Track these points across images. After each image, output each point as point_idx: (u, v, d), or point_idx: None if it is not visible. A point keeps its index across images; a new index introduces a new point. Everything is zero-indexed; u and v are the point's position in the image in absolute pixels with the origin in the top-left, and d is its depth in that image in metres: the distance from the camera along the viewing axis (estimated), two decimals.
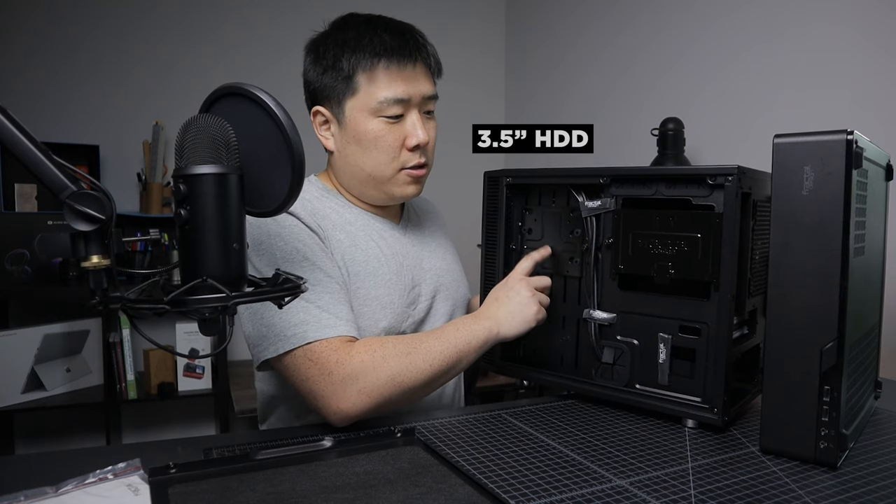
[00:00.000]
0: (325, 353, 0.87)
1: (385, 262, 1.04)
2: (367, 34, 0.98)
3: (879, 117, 1.53)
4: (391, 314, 1.02)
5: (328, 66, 1.00)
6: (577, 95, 2.72)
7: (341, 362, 0.86)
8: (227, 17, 2.74)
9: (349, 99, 0.99)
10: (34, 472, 0.72)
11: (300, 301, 0.90)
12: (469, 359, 0.94)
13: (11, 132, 0.58)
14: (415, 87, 0.99)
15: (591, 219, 0.96)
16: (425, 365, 0.89)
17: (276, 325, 0.90)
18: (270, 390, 1.07)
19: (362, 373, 0.86)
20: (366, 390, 0.86)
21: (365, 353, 0.87)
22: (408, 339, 0.92)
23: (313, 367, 0.87)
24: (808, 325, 0.74)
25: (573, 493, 0.68)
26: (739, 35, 1.94)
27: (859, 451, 0.80)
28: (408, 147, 1.01)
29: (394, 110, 0.98)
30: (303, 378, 0.88)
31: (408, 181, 1.03)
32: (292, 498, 0.63)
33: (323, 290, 0.93)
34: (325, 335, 0.88)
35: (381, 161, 1.01)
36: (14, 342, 2.27)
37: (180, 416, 2.75)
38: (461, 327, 0.95)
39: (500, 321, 0.96)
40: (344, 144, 1.02)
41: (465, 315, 1.02)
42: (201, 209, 0.62)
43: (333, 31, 1.02)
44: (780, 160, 0.76)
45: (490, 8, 3.25)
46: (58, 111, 2.51)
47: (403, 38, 0.99)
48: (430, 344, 0.91)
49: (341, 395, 0.85)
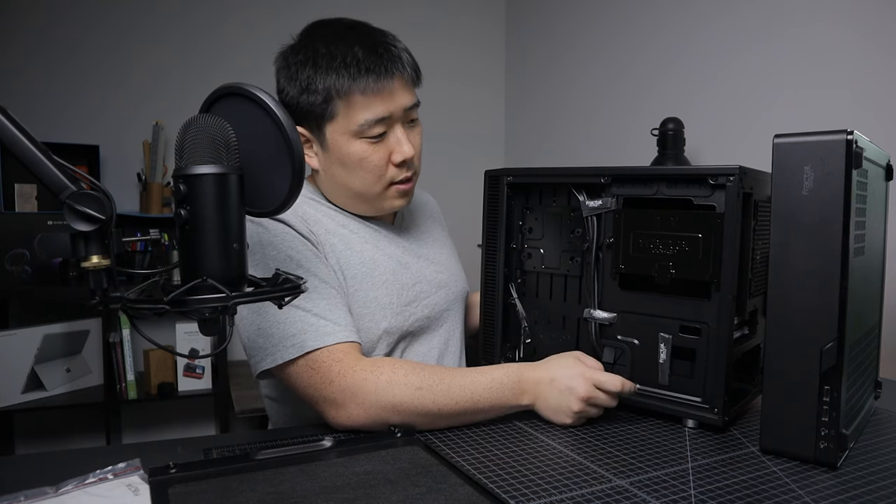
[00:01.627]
0: (328, 362, 0.87)
1: (381, 263, 1.03)
2: (338, 52, 0.94)
3: (879, 117, 1.53)
4: (391, 314, 1.02)
5: (303, 88, 0.95)
6: (578, 95, 2.72)
7: (343, 374, 0.86)
8: (228, 18, 2.74)
9: (328, 123, 0.96)
10: (34, 472, 0.72)
11: (296, 310, 0.89)
12: (489, 416, 0.90)
13: (11, 132, 0.58)
14: (394, 102, 0.96)
15: (592, 218, 0.96)
16: (433, 406, 0.85)
17: (274, 336, 0.89)
18: (274, 395, 1.07)
19: (362, 391, 0.85)
20: (364, 406, 0.85)
21: (369, 373, 0.86)
22: (428, 372, 0.87)
23: (315, 374, 0.87)
24: (808, 325, 0.74)
25: (573, 493, 0.68)
26: (740, 35, 1.93)
27: (859, 451, 0.80)
28: (394, 163, 0.99)
29: (376, 130, 0.96)
30: (304, 385, 0.88)
31: (396, 195, 1.02)
32: (292, 498, 0.63)
33: (319, 296, 0.91)
34: (324, 343, 0.87)
35: (369, 181, 0.99)
36: (14, 342, 2.26)
37: (180, 416, 2.74)
38: (495, 384, 0.88)
39: (538, 402, 0.89)
40: (328, 165, 1.01)
41: (510, 369, 0.91)
42: (201, 209, 0.62)
43: (302, 46, 0.97)
44: (780, 160, 0.76)
45: (490, 7, 3.25)
46: (58, 111, 2.51)
47: (377, 54, 0.94)
48: (450, 386, 0.86)
49: (340, 405, 0.85)
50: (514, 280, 1.06)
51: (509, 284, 1.06)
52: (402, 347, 1.05)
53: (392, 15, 2.82)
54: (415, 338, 1.07)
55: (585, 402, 0.87)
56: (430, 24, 3.06)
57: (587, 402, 0.87)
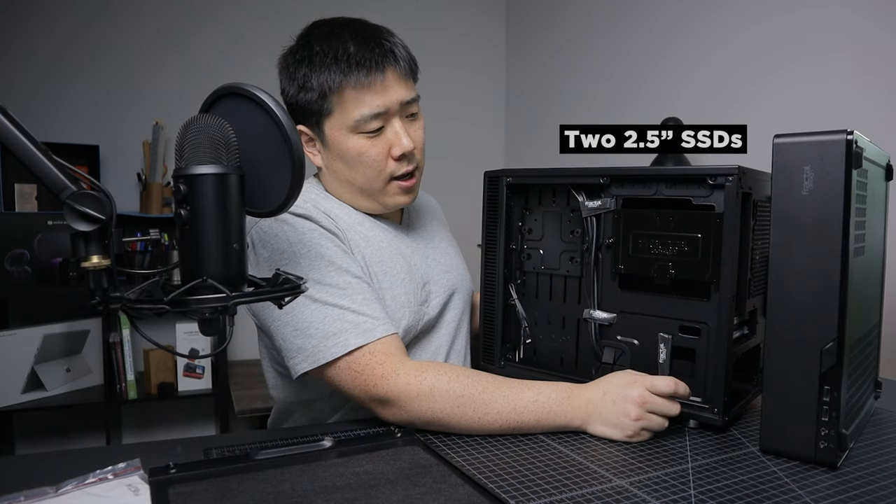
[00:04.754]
0: (371, 364, 0.87)
1: (397, 262, 1.04)
2: (331, 49, 0.95)
3: (879, 117, 1.53)
4: (409, 313, 1.02)
5: (300, 86, 0.97)
6: (578, 95, 2.72)
7: (386, 377, 0.86)
8: (228, 17, 2.74)
9: (326, 119, 0.97)
10: (34, 472, 0.72)
11: (334, 308, 0.89)
12: (534, 431, 0.86)
13: (11, 132, 0.58)
14: (388, 96, 0.96)
15: (592, 219, 0.96)
16: (473, 415, 0.84)
17: (314, 336, 0.88)
18: (287, 397, 1.07)
19: (404, 396, 0.85)
20: (406, 409, 0.85)
21: (413, 377, 0.85)
22: (473, 380, 0.86)
23: (360, 377, 0.87)
24: (808, 325, 0.74)
25: (573, 493, 0.68)
26: (740, 34, 1.94)
27: (859, 451, 0.80)
28: (393, 157, 0.99)
29: (372, 125, 0.96)
30: (350, 387, 0.89)
31: (398, 192, 1.02)
32: (292, 498, 0.63)
33: (354, 292, 0.92)
34: (366, 340, 0.88)
35: (370, 175, 0.99)
36: (14, 342, 2.27)
37: (180, 416, 2.75)
38: (542, 398, 0.84)
39: (589, 420, 0.84)
40: (330, 161, 1.02)
41: (560, 385, 0.87)
42: (201, 209, 0.62)
43: (299, 46, 0.99)
44: (780, 160, 0.76)
45: (490, 6, 3.24)
46: (58, 111, 2.51)
47: (368, 48, 0.95)
48: (494, 398, 0.84)
49: (386, 405, 0.87)
50: (514, 281, 1.06)
51: (509, 285, 1.06)
52: (411, 347, 1.06)
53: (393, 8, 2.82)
54: (423, 337, 1.07)
55: (642, 408, 0.81)
56: (430, 16, 3.05)
57: (643, 406, 0.81)
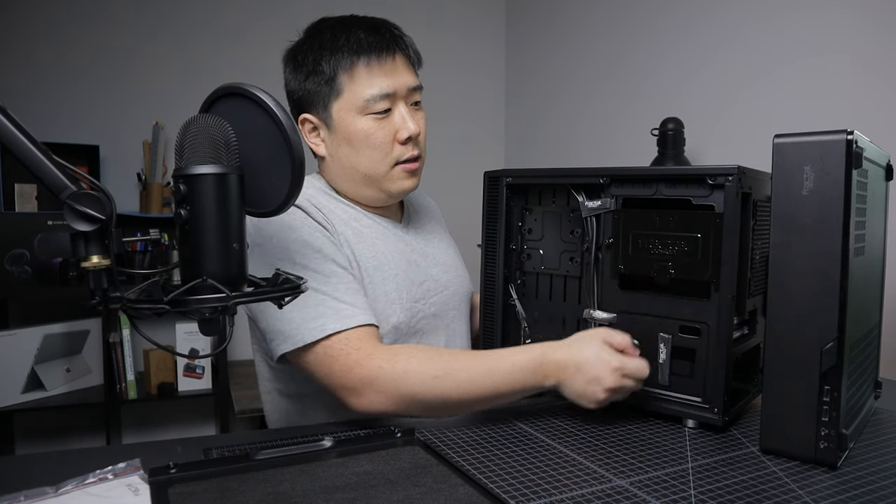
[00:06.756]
0: (346, 350, 0.88)
1: (392, 258, 1.04)
2: (342, 34, 0.98)
3: (879, 117, 1.53)
4: (400, 310, 1.02)
5: (309, 71, 1.00)
6: (578, 95, 2.72)
7: (360, 362, 0.87)
8: (228, 17, 2.74)
9: (335, 101, 0.99)
10: (34, 472, 0.72)
11: (317, 294, 0.90)
12: (512, 399, 0.89)
13: (11, 132, 0.58)
14: (397, 79, 0.99)
15: (591, 219, 0.96)
16: (454, 394, 0.85)
17: (295, 319, 0.89)
18: (278, 388, 1.07)
19: (380, 379, 0.86)
20: (383, 394, 0.86)
21: (385, 361, 0.86)
22: (446, 359, 0.87)
23: (335, 363, 0.88)
24: (808, 325, 0.74)
25: (573, 493, 0.68)
26: (741, 34, 1.94)
27: (859, 451, 0.80)
28: (399, 140, 1.00)
29: (381, 106, 0.98)
30: (324, 374, 0.89)
31: (403, 176, 1.03)
32: (292, 498, 0.63)
33: (338, 280, 0.93)
34: (344, 325, 0.89)
35: (375, 159, 1.01)
36: (14, 342, 2.27)
37: (180, 416, 2.74)
38: (516, 368, 0.86)
39: (562, 386, 0.87)
40: (335, 148, 1.03)
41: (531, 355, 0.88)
42: (201, 209, 0.62)
43: (308, 37, 1.02)
44: (780, 160, 0.76)
45: (490, 4, 3.24)
46: (58, 111, 2.51)
47: (379, 34, 0.99)
48: (470, 375, 0.86)
49: (360, 393, 0.87)
50: (514, 281, 1.06)
51: (509, 285, 1.06)
52: None
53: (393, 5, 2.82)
54: (421, 336, 1.07)
55: (611, 392, 0.85)
56: (431, 16, 3.05)
57: (613, 391, 0.85)
